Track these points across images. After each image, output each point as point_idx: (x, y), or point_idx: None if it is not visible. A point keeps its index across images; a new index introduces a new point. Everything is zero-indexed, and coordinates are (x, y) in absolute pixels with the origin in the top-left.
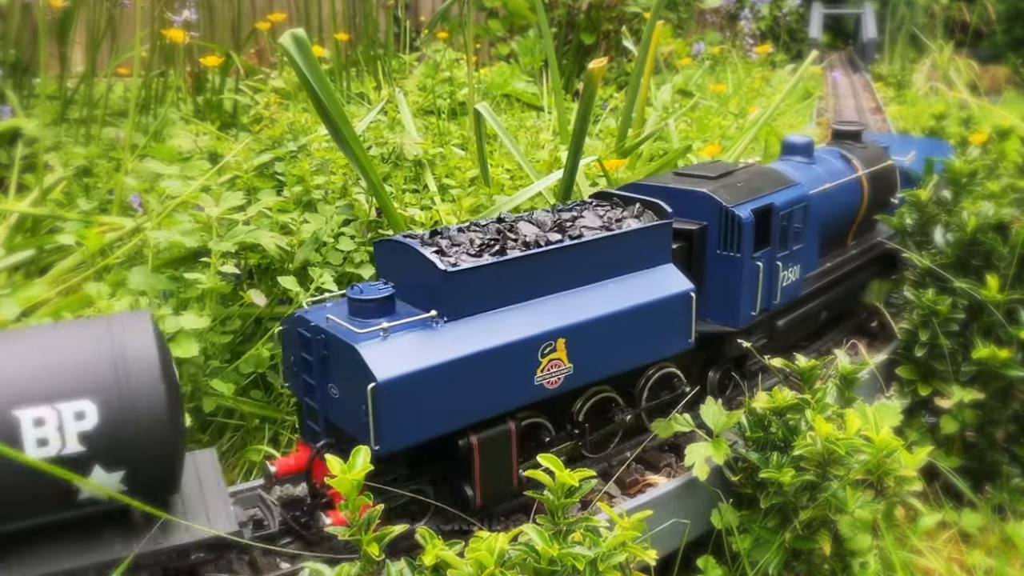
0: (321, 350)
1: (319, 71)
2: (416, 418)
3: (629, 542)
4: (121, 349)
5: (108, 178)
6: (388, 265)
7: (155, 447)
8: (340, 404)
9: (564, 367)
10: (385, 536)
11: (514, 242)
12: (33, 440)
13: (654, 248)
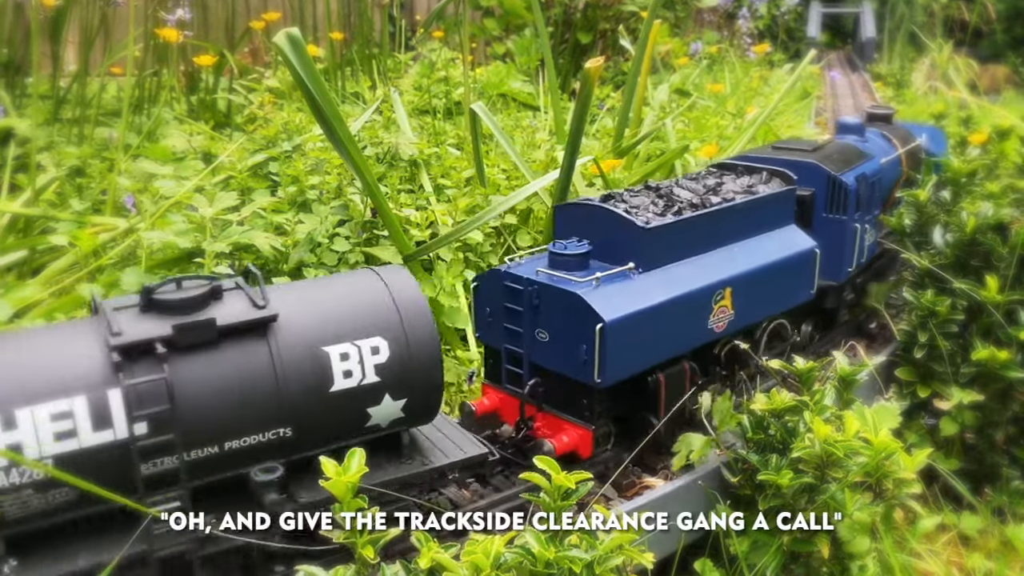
0: (533, 299)
1: (314, 70)
2: (627, 356)
3: (626, 545)
4: (398, 295)
5: (101, 178)
6: (571, 226)
7: (428, 379)
8: (549, 347)
9: (728, 313)
10: (380, 539)
11: (680, 204)
12: (340, 372)
13: (783, 211)
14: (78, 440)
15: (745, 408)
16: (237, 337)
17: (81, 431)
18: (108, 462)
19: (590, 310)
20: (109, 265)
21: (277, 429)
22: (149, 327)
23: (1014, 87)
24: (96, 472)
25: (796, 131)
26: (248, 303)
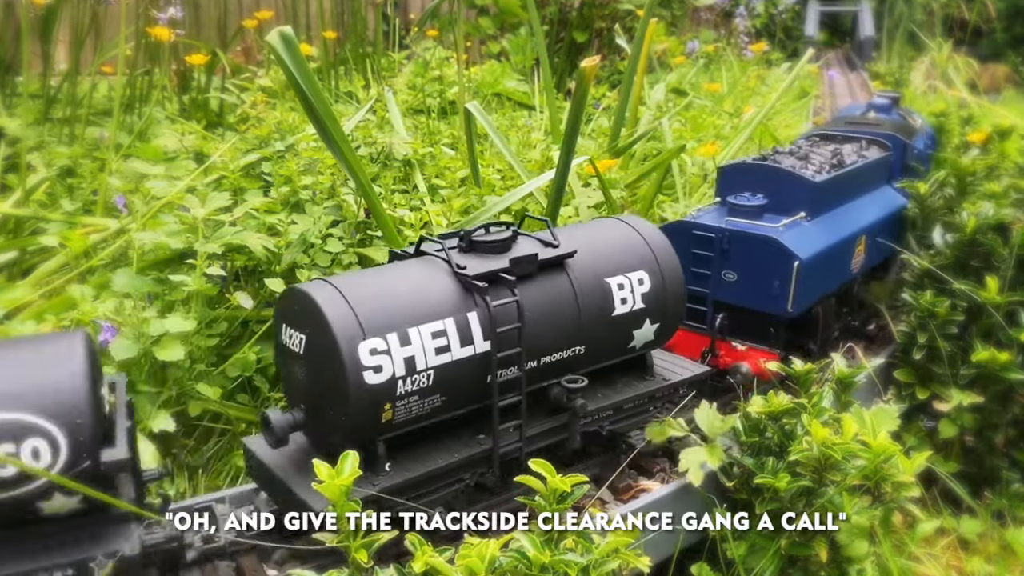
0: (723, 244)
1: (307, 69)
2: (809, 289)
3: (622, 549)
4: (649, 238)
5: (92, 178)
6: (735, 183)
7: (676, 307)
8: (737, 286)
9: (862, 257)
10: (374, 542)
11: (820, 163)
12: (619, 299)
13: (882, 172)
14: (451, 354)
15: (741, 410)
16: (548, 270)
17: (452, 347)
18: (470, 372)
19: (786, 251)
20: (100, 266)
21: (575, 347)
22: (485, 263)
23: (1014, 86)
24: (459, 381)
25: (794, 131)
26: (538, 244)
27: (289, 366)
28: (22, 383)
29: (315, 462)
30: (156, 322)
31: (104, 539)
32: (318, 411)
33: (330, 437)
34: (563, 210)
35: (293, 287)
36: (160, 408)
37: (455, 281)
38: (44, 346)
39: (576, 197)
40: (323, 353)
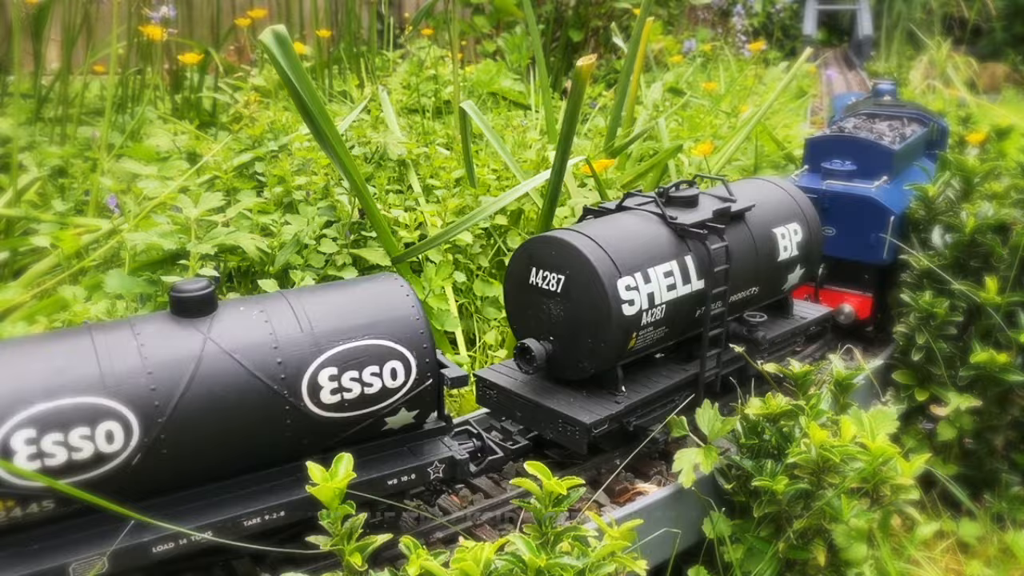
0: (824, 204)
1: (300, 69)
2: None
3: (618, 552)
4: (794, 195)
5: (84, 179)
6: (823, 153)
7: (818, 254)
8: (836, 239)
9: None
10: (368, 546)
11: (884, 136)
12: (782, 247)
13: (924, 145)
14: (676, 291)
15: (739, 412)
16: (734, 221)
17: (677, 284)
18: (686, 307)
19: (883, 207)
20: (92, 267)
21: (752, 288)
22: (687, 215)
23: (1014, 85)
24: (679, 314)
25: (792, 131)
26: (717, 200)
27: (538, 304)
28: (377, 316)
29: (308, 464)
30: None
31: (432, 447)
32: (573, 341)
33: (581, 363)
34: (559, 210)
35: (544, 236)
36: None
37: (669, 230)
38: (378, 287)
39: (572, 197)
40: (585, 290)
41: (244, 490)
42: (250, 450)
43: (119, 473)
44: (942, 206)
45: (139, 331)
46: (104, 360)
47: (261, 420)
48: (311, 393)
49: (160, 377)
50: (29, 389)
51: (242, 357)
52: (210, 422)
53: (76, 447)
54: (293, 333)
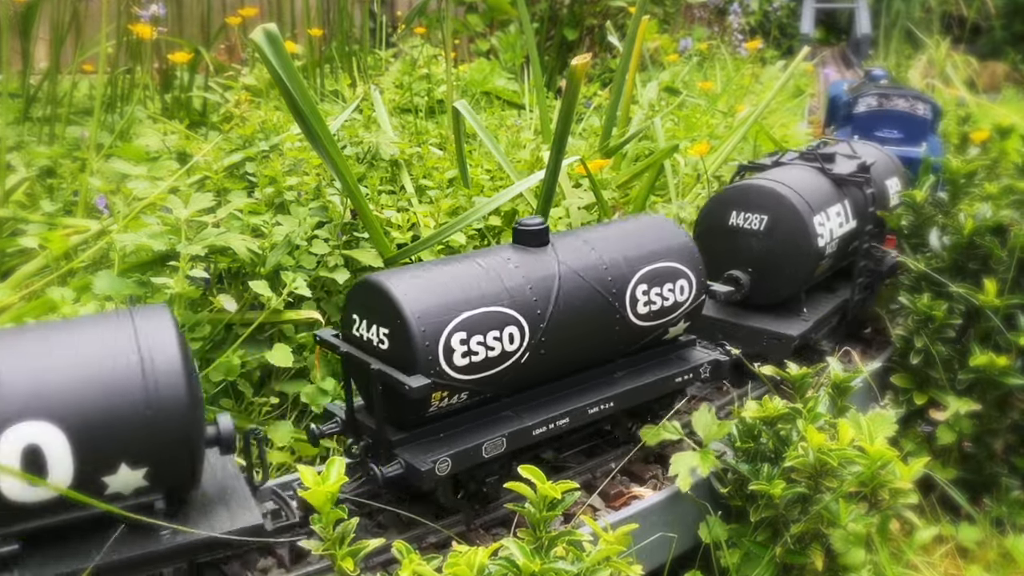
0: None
1: (292, 68)
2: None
3: (613, 557)
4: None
5: (73, 179)
6: (868, 126)
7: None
8: None
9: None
10: (360, 550)
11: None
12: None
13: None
14: (843, 228)
15: (735, 415)
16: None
17: (844, 223)
18: (845, 242)
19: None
20: (81, 268)
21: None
22: (838, 167)
23: (1014, 85)
24: (841, 248)
25: (789, 130)
26: (845, 158)
27: (737, 242)
28: (669, 243)
29: (300, 467)
30: None
31: (695, 354)
32: (774, 270)
33: (778, 290)
34: (553, 211)
35: (741, 185)
36: None
37: (827, 179)
38: (659, 222)
39: (567, 198)
40: (788, 227)
41: (585, 384)
42: (591, 351)
43: (512, 369)
44: (930, 210)
45: (508, 257)
46: (504, 279)
47: (599, 326)
48: (631, 305)
49: (538, 290)
50: (460, 301)
51: (586, 276)
52: (569, 327)
53: (491, 347)
54: (615, 257)
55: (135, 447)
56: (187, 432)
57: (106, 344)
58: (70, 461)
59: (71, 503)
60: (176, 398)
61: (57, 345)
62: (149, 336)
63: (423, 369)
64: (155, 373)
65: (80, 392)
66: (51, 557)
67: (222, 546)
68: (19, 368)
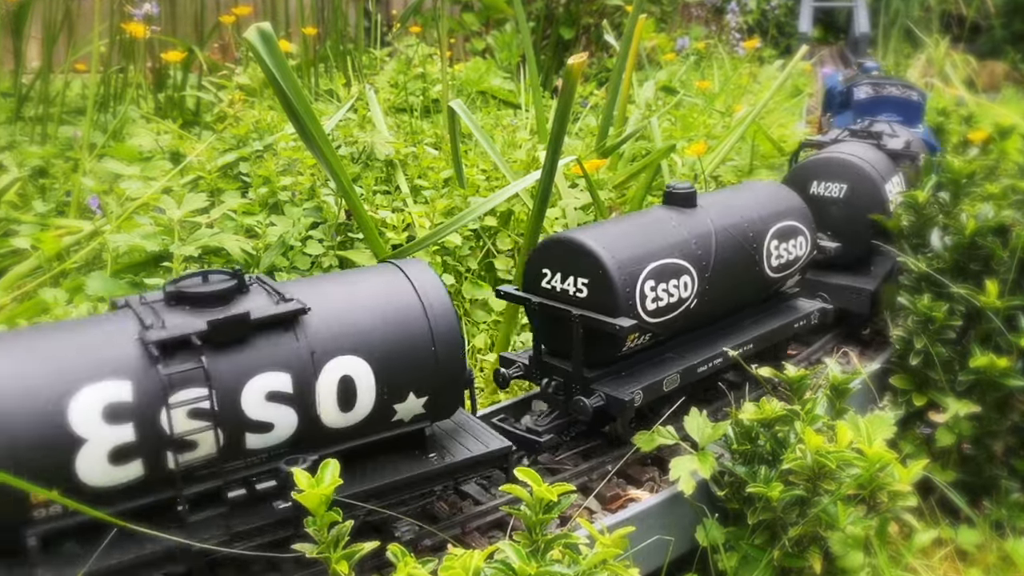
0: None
1: (286, 67)
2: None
3: (610, 560)
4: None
5: (65, 179)
6: (869, 111)
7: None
8: None
9: None
10: (355, 554)
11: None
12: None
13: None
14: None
15: (732, 417)
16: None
17: (898, 189)
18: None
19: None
20: (73, 269)
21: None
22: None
23: (1013, 84)
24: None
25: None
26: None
27: (818, 208)
28: (788, 205)
29: (294, 470)
30: None
31: (802, 304)
32: (851, 234)
33: (857, 250)
34: (550, 211)
35: (819, 158)
36: None
37: (884, 154)
38: (775, 187)
39: (563, 198)
40: (866, 194)
41: (724, 330)
42: (736, 300)
43: (683, 314)
44: (932, 211)
45: (669, 217)
46: (673, 234)
47: (745, 277)
48: (767, 258)
49: (701, 244)
50: (647, 253)
51: (734, 232)
52: (724, 277)
53: (671, 293)
54: (752, 216)
55: (421, 379)
56: (459, 367)
57: (392, 291)
58: (373, 390)
59: (369, 428)
60: (453, 337)
61: (353, 291)
62: (424, 285)
63: (624, 313)
64: (435, 316)
65: (381, 331)
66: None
67: (477, 466)
68: (331, 311)
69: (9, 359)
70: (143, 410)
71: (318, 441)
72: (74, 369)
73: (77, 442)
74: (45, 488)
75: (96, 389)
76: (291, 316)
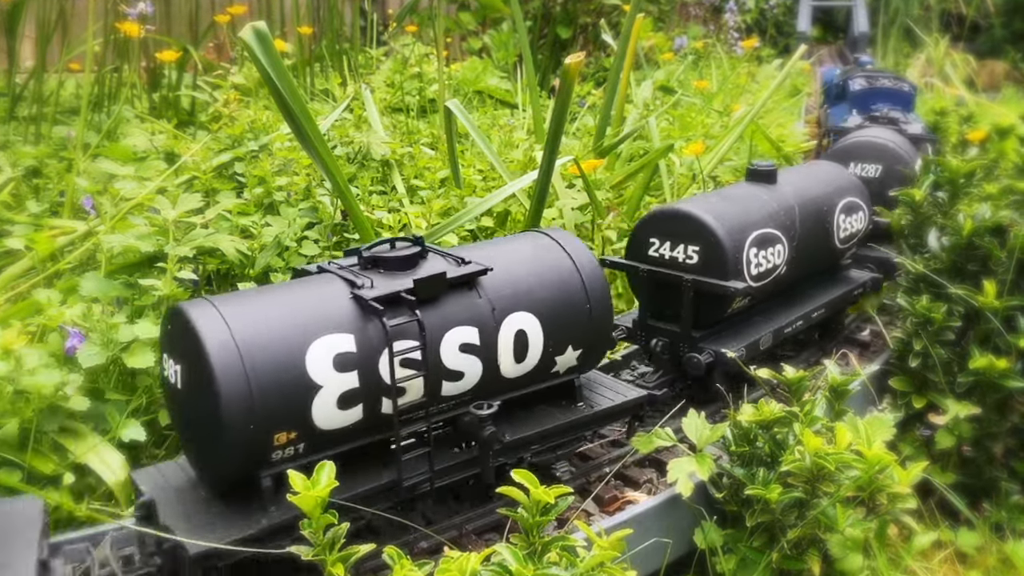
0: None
1: (281, 66)
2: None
3: (608, 562)
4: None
5: (59, 179)
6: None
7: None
8: None
9: None
10: (351, 556)
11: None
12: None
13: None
14: None
15: (730, 419)
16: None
17: None
18: None
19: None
20: (67, 270)
21: None
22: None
23: (1013, 83)
24: None
25: (786, 130)
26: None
27: None
28: (849, 183)
29: (290, 472)
30: (125, 328)
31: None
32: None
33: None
34: (546, 212)
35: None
36: (129, 417)
37: (906, 137)
38: (834, 168)
39: (560, 198)
40: (897, 174)
41: (796, 296)
42: (811, 269)
43: (775, 280)
44: (929, 210)
45: (758, 192)
46: (765, 207)
47: (820, 248)
48: (836, 230)
49: (788, 216)
50: (748, 223)
51: (811, 206)
52: (806, 248)
53: (768, 260)
54: (822, 192)
55: (578, 333)
56: (610, 322)
57: (548, 254)
58: (541, 343)
59: (534, 379)
60: (604, 295)
61: (515, 255)
62: (574, 249)
63: (734, 277)
64: (587, 276)
65: (545, 289)
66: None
67: (619, 414)
68: (501, 272)
69: (255, 313)
70: (364, 360)
71: (494, 390)
72: (307, 323)
73: (314, 388)
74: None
75: (326, 341)
76: (476, 276)
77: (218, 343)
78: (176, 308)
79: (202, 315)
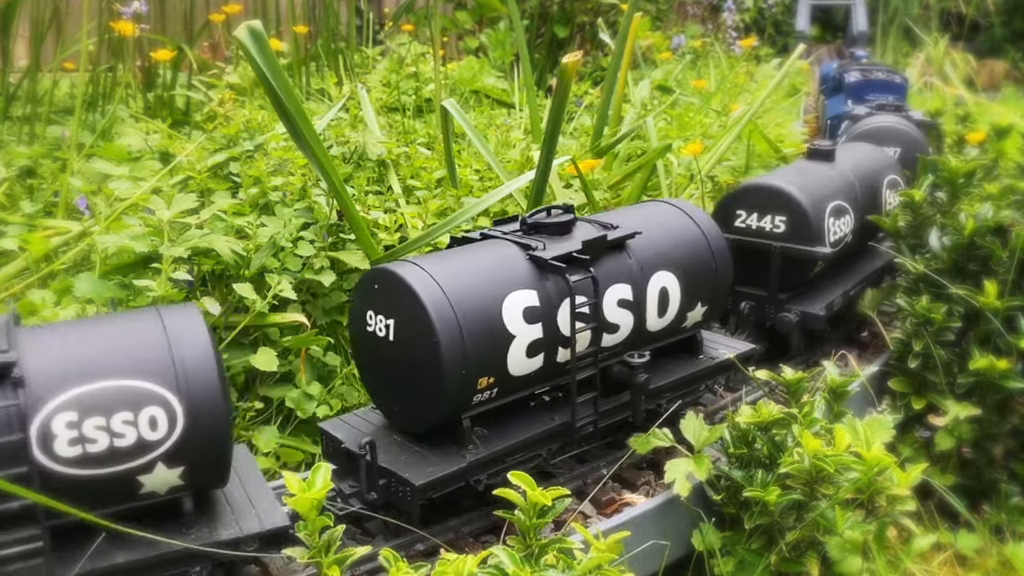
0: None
1: (277, 66)
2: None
3: (605, 565)
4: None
5: (53, 179)
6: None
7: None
8: None
9: None
10: (346, 558)
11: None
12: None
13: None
14: None
15: (729, 421)
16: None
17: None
18: None
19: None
20: (61, 270)
21: None
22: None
23: (1013, 83)
24: None
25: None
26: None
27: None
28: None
29: (285, 474)
30: None
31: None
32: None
33: None
34: None
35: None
36: None
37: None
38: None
39: (557, 199)
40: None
41: (855, 264)
42: (869, 235)
43: (843, 248)
44: (929, 210)
45: (824, 168)
46: (835, 181)
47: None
48: (885, 204)
49: (851, 190)
50: (825, 195)
51: (866, 181)
52: (865, 215)
53: (841, 229)
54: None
55: (707, 291)
56: (730, 279)
57: (676, 219)
58: (679, 299)
59: (669, 332)
60: (726, 257)
61: (649, 220)
62: (695, 214)
63: (817, 243)
64: (712, 239)
65: (680, 250)
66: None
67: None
68: (647, 235)
69: (457, 271)
70: (546, 313)
71: (639, 342)
72: (499, 280)
73: (509, 338)
74: (487, 376)
75: (516, 296)
76: (627, 239)
77: (434, 298)
78: (381, 269)
79: (413, 274)
